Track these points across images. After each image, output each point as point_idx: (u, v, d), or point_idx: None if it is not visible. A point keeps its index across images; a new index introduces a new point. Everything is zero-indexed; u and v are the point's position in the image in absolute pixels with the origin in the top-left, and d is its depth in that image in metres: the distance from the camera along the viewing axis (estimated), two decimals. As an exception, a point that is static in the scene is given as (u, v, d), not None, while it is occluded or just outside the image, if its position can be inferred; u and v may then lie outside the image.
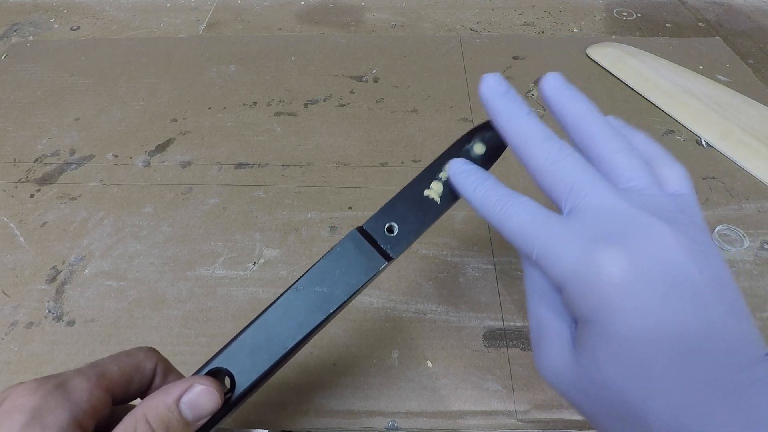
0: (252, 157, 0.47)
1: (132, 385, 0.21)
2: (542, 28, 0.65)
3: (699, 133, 0.49)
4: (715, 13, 0.68)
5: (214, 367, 0.22)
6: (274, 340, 0.22)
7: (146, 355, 0.22)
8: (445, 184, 0.24)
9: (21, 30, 0.65)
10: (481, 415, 0.31)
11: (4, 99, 0.54)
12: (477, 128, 0.24)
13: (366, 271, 0.23)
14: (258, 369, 0.21)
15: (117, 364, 0.20)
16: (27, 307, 0.36)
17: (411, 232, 0.23)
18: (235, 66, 0.58)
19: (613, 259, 0.17)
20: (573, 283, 0.17)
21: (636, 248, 0.17)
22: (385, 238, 0.23)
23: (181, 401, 0.19)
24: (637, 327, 0.16)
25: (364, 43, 0.61)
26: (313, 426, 0.31)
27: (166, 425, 0.18)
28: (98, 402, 0.19)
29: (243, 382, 0.21)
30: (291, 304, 0.22)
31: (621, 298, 0.16)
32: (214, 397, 0.19)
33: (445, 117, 0.51)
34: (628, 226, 0.17)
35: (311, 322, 0.22)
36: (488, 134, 0.24)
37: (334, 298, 0.22)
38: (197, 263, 0.39)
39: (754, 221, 0.41)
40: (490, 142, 0.24)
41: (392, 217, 0.23)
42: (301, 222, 0.41)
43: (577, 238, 0.18)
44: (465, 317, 0.35)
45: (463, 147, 0.24)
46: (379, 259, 0.23)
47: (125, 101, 0.53)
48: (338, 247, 0.23)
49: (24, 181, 0.45)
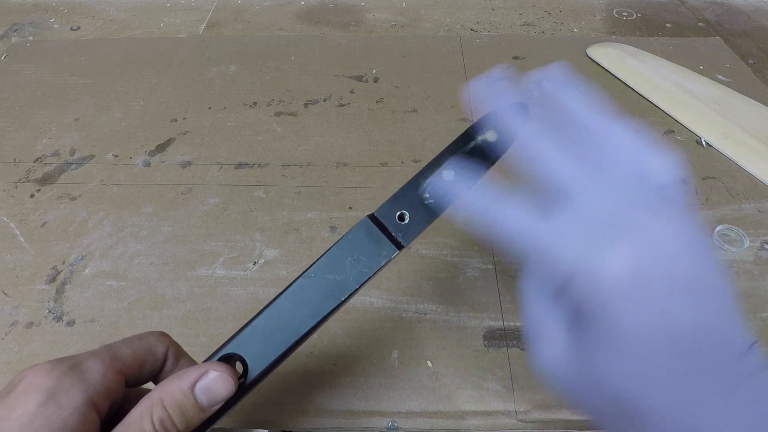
0: (252, 157, 0.47)
1: (144, 368, 0.21)
2: (542, 28, 0.65)
3: (699, 133, 0.49)
4: (715, 13, 0.68)
5: (227, 352, 0.22)
6: (287, 327, 0.22)
7: (158, 338, 0.22)
8: (457, 173, 0.24)
9: (21, 30, 0.65)
10: (481, 415, 0.31)
11: (4, 99, 0.54)
12: (489, 114, 0.24)
13: (377, 259, 0.23)
14: (271, 355, 0.21)
15: (130, 347, 0.20)
16: (27, 307, 0.36)
17: (422, 220, 0.23)
18: (235, 66, 0.58)
19: (614, 257, 0.17)
20: (576, 281, 0.18)
21: (634, 246, 0.17)
22: (397, 226, 0.23)
23: (196, 387, 0.19)
24: (638, 324, 0.17)
25: (364, 43, 0.61)
26: (313, 426, 0.31)
27: (181, 410, 0.19)
28: (112, 383, 0.19)
29: (256, 368, 0.21)
30: (303, 291, 0.22)
31: (622, 296, 0.17)
32: (229, 383, 0.20)
33: (445, 117, 0.51)
34: (626, 225, 0.18)
35: (323, 309, 0.22)
36: (501, 121, 0.24)
37: (345, 285, 0.22)
38: (197, 263, 0.39)
39: (754, 221, 0.41)
40: (502, 130, 0.24)
41: (404, 205, 0.23)
42: (301, 222, 0.41)
43: (581, 235, 0.18)
44: (465, 317, 0.35)
45: (476, 134, 0.24)
46: (390, 247, 0.23)
47: (125, 101, 0.53)
48: (350, 235, 0.23)
49: (24, 181, 0.45)
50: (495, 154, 0.24)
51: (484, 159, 0.24)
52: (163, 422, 0.18)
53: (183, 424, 0.19)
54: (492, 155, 0.24)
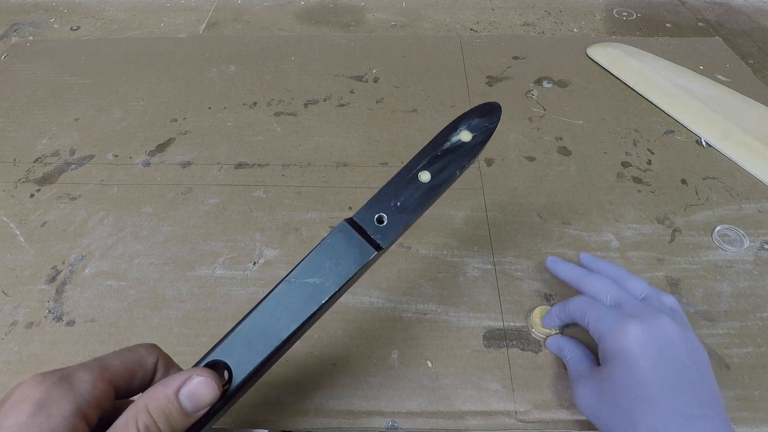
0: (252, 157, 0.47)
1: (134, 379, 0.21)
2: (542, 28, 0.65)
3: (699, 133, 0.49)
4: (715, 13, 0.68)
5: (212, 359, 0.22)
6: (269, 332, 0.22)
7: (148, 350, 0.22)
8: (433, 173, 0.24)
9: (21, 30, 0.65)
10: (481, 415, 0.31)
11: (4, 99, 0.54)
12: (463, 116, 0.25)
13: (356, 261, 0.23)
14: (254, 360, 0.22)
15: (120, 359, 0.21)
16: (27, 307, 0.36)
17: (400, 221, 0.23)
18: (235, 66, 0.58)
19: (635, 326, 0.27)
20: (610, 336, 0.28)
21: (648, 324, 0.27)
22: (375, 229, 0.23)
23: (180, 392, 0.19)
24: (645, 366, 0.26)
25: (364, 43, 0.61)
26: (313, 426, 0.31)
27: (166, 415, 0.19)
28: (101, 394, 0.19)
29: (240, 374, 0.21)
30: (284, 296, 0.23)
31: (637, 348, 0.26)
32: (212, 388, 0.20)
33: (445, 117, 0.51)
34: (643, 313, 0.28)
35: (304, 312, 0.22)
36: (475, 121, 0.24)
37: (325, 288, 0.22)
38: (197, 263, 0.39)
39: (754, 221, 0.41)
40: (476, 130, 0.24)
41: (381, 208, 0.24)
42: (301, 222, 0.41)
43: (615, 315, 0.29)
44: (465, 317, 0.35)
45: (450, 135, 0.24)
46: (369, 249, 0.23)
47: (125, 101, 0.53)
48: (328, 239, 0.23)
49: (24, 181, 0.45)
50: (470, 154, 0.24)
51: (460, 159, 0.24)
52: (148, 428, 0.18)
53: (168, 430, 0.19)
54: (467, 155, 0.24)
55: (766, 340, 0.34)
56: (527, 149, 0.47)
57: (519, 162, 0.46)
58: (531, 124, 0.50)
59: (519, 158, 0.46)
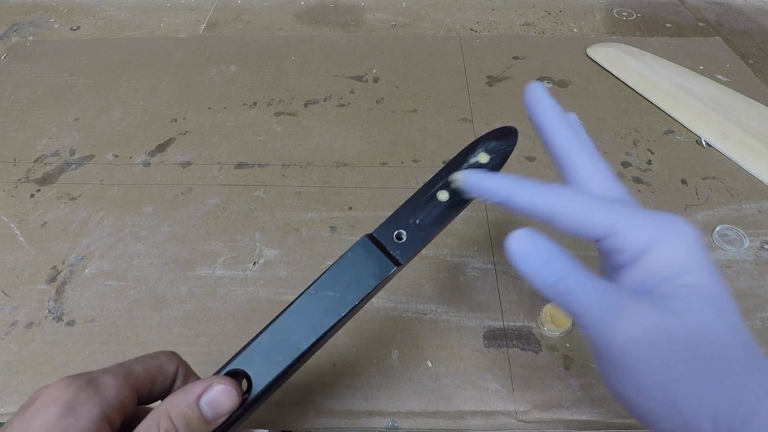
0: (252, 157, 0.47)
1: (155, 385, 0.22)
2: (542, 28, 0.65)
3: (699, 133, 0.49)
4: (715, 13, 0.68)
5: (233, 368, 0.22)
6: (289, 343, 0.23)
7: (168, 358, 0.23)
8: (451, 193, 0.25)
9: (21, 30, 0.65)
10: (481, 415, 0.31)
11: (4, 99, 0.54)
12: (481, 138, 0.26)
13: (376, 276, 0.23)
14: (273, 371, 0.22)
15: (142, 365, 0.21)
16: (27, 307, 0.36)
17: (418, 238, 0.24)
18: (235, 66, 0.58)
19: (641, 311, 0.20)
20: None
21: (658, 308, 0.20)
22: (394, 245, 0.24)
23: (201, 399, 0.20)
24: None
25: (364, 43, 0.61)
26: (313, 426, 0.31)
27: (186, 422, 0.19)
28: (125, 399, 0.20)
29: (259, 384, 0.22)
30: (304, 307, 0.23)
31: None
32: (233, 396, 0.20)
33: (445, 117, 0.51)
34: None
35: (324, 325, 0.23)
36: (492, 144, 0.25)
37: (345, 301, 0.23)
38: (197, 263, 0.39)
39: (754, 221, 0.41)
40: (493, 152, 0.25)
41: (401, 225, 0.25)
42: (301, 222, 0.41)
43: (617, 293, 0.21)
44: (465, 317, 0.35)
45: (469, 156, 0.25)
46: (388, 265, 0.24)
47: (125, 101, 0.53)
48: (349, 253, 0.24)
49: (24, 181, 0.45)
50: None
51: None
52: None
53: None
54: None
55: (766, 340, 0.34)
56: (527, 149, 0.47)
57: (519, 162, 0.46)
58: (531, 123, 0.50)
59: (519, 158, 0.46)
